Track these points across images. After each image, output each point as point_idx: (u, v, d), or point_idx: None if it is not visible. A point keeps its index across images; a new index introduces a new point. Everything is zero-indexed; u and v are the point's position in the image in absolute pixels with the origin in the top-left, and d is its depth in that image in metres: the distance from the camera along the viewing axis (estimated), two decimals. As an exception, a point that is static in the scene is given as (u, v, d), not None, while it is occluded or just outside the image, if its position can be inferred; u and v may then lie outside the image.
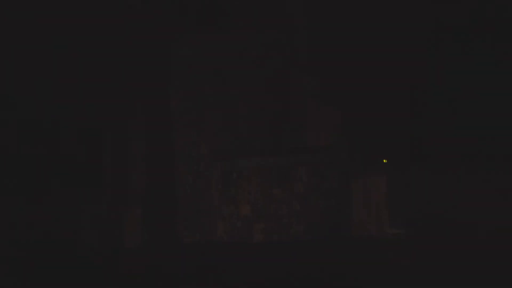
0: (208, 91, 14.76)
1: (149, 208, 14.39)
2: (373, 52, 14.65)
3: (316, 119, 14.48)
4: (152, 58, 15.08)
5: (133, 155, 14.62)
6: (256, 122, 14.58)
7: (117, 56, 15.11)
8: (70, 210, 14.43)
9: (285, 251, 12.81)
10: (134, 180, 14.55)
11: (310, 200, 13.58)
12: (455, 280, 9.49)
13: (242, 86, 14.68)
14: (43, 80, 14.91)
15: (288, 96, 14.71)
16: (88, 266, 12.78)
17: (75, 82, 14.94)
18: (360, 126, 14.75)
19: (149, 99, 14.97)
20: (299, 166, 13.63)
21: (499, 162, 13.97)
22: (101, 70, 15.06)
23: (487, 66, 14.45)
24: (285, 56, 14.76)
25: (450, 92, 14.78)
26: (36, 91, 14.94)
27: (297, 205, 13.62)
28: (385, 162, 14.25)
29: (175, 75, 14.99)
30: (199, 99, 14.78)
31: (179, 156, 14.71)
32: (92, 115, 15.01)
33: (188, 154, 14.64)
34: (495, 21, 14.26)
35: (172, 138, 14.83)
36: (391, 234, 13.53)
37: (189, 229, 14.37)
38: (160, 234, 14.36)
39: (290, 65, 14.77)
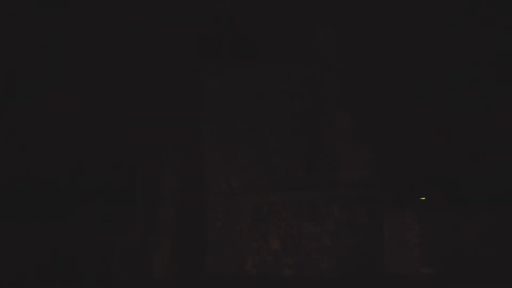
0: (239, 124, 14.85)
1: (178, 240, 14.36)
2: (406, 88, 14.60)
3: (348, 154, 14.39)
4: (185, 92, 15.29)
5: (165, 188, 14.69)
6: (288, 156, 14.56)
7: (151, 90, 15.36)
8: (102, 240, 14.52)
9: (315, 287, 12.57)
10: (164, 212, 14.58)
11: (341, 236, 13.37)
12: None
13: (274, 120, 14.74)
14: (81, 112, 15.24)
15: (319, 130, 14.70)
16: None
17: (109, 114, 15.18)
18: (393, 163, 14.59)
19: (181, 133, 15.13)
20: (331, 202, 13.48)
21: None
22: (133, 103, 15.31)
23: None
24: (316, 90, 14.81)
25: (487, 130, 14.57)
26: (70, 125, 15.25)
27: (327, 240, 13.42)
28: (422, 200, 14.00)
29: (207, 109, 15.15)
30: (230, 133, 14.87)
31: (210, 189, 14.73)
32: (124, 149, 15.20)
33: (218, 187, 14.66)
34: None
35: (203, 171, 14.89)
36: (424, 273, 13.18)
37: (218, 261, 14.27)
38: (189, 266, 14.29)
39: (321, 99, 14.80)
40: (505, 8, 14.08)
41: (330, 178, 14.41)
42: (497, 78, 14.43)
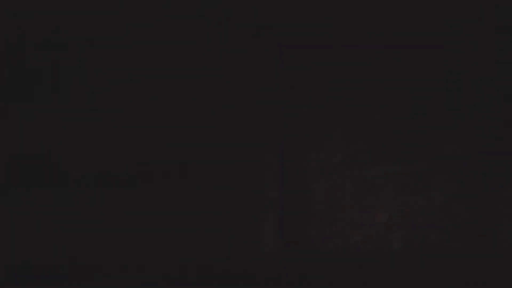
0: (339, 97, 14.69)
1: (284, 215, 14.55)
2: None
3: (456, 124, 13.89)
4: (280, 66, 15.30)
5: (267, 164, 14.87)
6: (391, 128, 14.27)
7: (247, 66, 15.50)
8: (209, 216, 14.94)
9: (425, 261, 12.36)
10: (269, 188, 14.78)
11: (451, 209, 13.01)
12: None
13: (375, 91, 14.47)
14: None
15: (424, 101, 14.27)
16: (226, 269, 13.12)
17: (213, 88, 15.50)
18: (505, 132, 13.92)
19: (279, 109, 15.20)
20: (439, 174, 13.13)
21: None
22: (232, 79, 15.52)
23: None
24: (413, 64, 14.37)
25: None
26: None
27: (436, 214, 13.11)
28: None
29: (303, 81, 15.10)
30: (329, 108, 14.75)
31: (312, 164, 14.74)
32: (230, 129, 15.49)
33: (320, 161, 14.64)
34: None
35: (303, 147, 14.92)
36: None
37: (323, 236, 14.33)
38: (294, 240, 14.45)
39: (418, 71, 14.35)
40: None
41: (436, 150, 13.99)
42: None
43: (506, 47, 13.71)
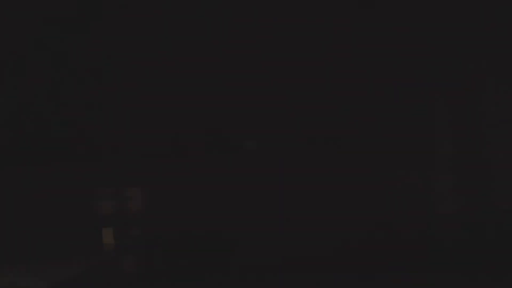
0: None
1: (460, 175, 13.94)
2: None
3: None
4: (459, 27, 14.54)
5: (440, 121, 14.31)
6: None
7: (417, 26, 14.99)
8: (381, 177, 14.81)
9: None
10: (442, 147, 14.24)
11: None
12: None
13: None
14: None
15: None
16: (400, 230, 12.96)
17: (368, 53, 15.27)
18: None
19: (450, 66, 14.48)
20: None
21: None
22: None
23: None
24: None
25: None
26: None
27: None
28: None
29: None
30: (503, 57, 13.67)
31: (487, 117, 13.86)
32: (400, 86, 15.19)
33: (498, 113, 13.69)
34: None
35: (477, 102, 14.08)
36: None
37: (506, 194, 13.47)
38: (473, 201, 13.79)
39: None
40: None
41: None
42: None
43: None
